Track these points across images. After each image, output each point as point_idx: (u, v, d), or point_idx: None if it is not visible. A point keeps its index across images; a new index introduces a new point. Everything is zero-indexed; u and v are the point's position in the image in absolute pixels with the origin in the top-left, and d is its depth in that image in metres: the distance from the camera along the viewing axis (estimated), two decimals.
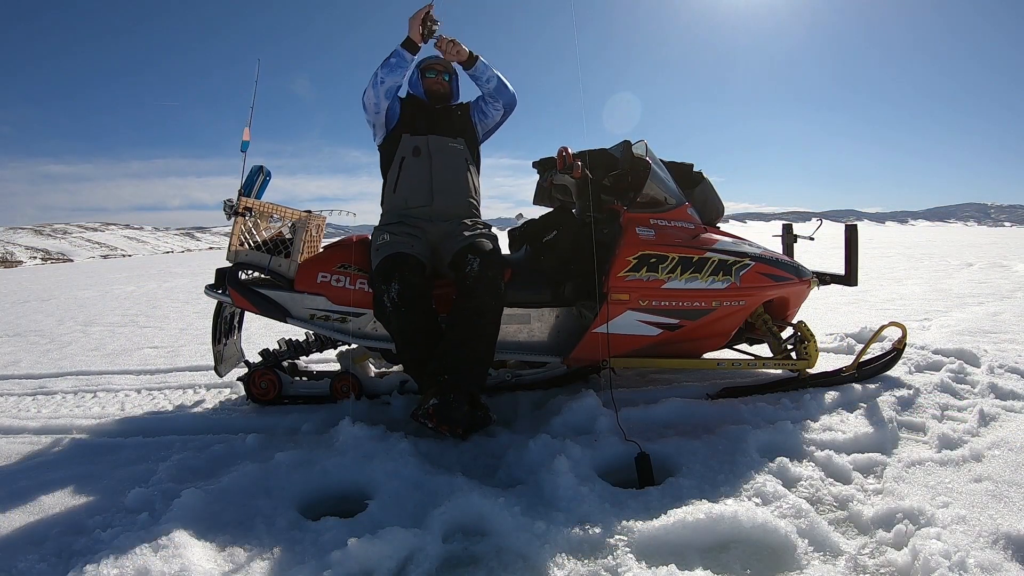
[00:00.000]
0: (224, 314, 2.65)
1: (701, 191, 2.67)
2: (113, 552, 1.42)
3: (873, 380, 2.57)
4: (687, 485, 1.71)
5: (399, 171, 2.42)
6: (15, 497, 1.82)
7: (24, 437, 2.39)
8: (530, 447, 1.91)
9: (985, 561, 1.34)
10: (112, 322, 5.50)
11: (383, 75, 2.33)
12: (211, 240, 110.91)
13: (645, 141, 2.50)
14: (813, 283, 2.68)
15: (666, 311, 2.36)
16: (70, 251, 79.50)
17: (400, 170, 2.42)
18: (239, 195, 2.36)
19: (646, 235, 2.34)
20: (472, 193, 2.49)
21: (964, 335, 3.66)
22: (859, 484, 1.74)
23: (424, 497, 1.69)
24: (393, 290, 2.12)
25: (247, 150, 2.34)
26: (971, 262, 9.19)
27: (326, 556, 1.39)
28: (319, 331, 2.44)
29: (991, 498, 1.63)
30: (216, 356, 2.60)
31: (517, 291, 2.38)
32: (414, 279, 2.15)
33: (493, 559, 1.45)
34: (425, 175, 2.39)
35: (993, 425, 2.15)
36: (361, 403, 2.52)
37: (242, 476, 1.78)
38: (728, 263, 2.40)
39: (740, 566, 1.40)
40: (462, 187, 2.45)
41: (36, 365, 3.69)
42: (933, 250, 12.40)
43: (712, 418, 2.19)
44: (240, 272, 2.43)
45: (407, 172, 2.41)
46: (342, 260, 2.41)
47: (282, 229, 2.52)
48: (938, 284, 6.45)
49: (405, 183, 2.41)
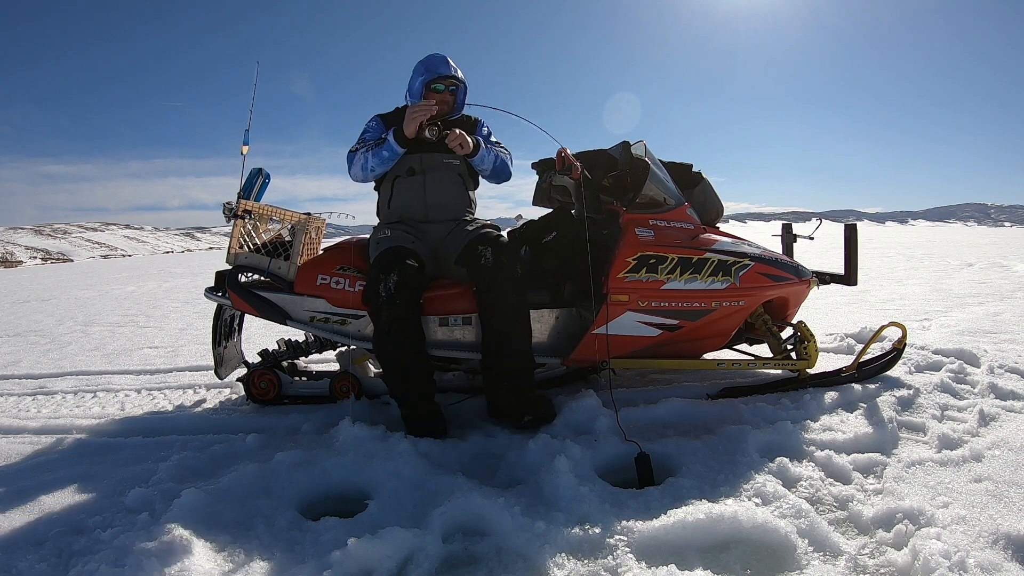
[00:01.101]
0: (224, 316, 2.65)
1: (700, 191, 2.68)
2: (113, 552, 1.42)
3: (873, 380, 2.57)
4: (687, 485, 1.71)
5: (392, 190, 2.44)
6: (15, 497, 1.82)
7: (24, 437, 2.39)
8: (530, 447, 1.91)
9: (985, 561, 1.34)
10: (112, 322, 5.50)
11: (374, 165, 2.36)
12: (211, 240, 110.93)
13: (644, 142, 2.50)
14: (813, 283, 2.68)
15: (666, 312, 2.36)
16: (70, 251, 79.49)
17: (393, 189, 2.44)
18: (238, 198, 2.36)
19: (645, 236, 2.34)
20: (468, 206, 2.51)
21: (964, 335, 3.66)
22: (859, 484, 1.73)
23: (424, 497, 1.69)
24: (391, 280, 2.12)
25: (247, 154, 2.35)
26: (971, 262, 9.19)
27: (326, 556, 1.39)
28: (319, 333, 2.44)
29: (991, 498, 1.63)
30: (216, 359, 2.60)
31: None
32: (412, 274, 2.16)
33: (493, 559, 1.45)
34: (419, 193, 2.41)
35: (993, 425, 2.15)
36: (361, 403, 2.51)
37: (242, 476, 1.78)
38: (728, 263, 2.40)
39: (740, 566, 1.40)
40: (456, 203, 2.46)
41: (36, 365, 3.69)
42: (933, 250, 12.41)
43: (712, 418, 2.19)
44: (240, 275, 2.43)
45: (400, 191, 2.43)
46: (341, 262, 2.41)
47: (282, 232, 2.53)
48: (938, 284, 6.45)
49: (399, 202, 2.43)
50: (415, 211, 2.42)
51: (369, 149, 2.36)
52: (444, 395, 2.47)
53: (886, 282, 6.73)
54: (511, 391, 2.21)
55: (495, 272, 2.17)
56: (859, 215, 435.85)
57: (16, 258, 68.85)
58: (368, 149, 2.36)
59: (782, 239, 3.02)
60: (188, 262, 17.38)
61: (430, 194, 2.41)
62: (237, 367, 2.76)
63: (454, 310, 2.35)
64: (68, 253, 76.61)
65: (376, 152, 2.35)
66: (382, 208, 2.51)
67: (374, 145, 2.36)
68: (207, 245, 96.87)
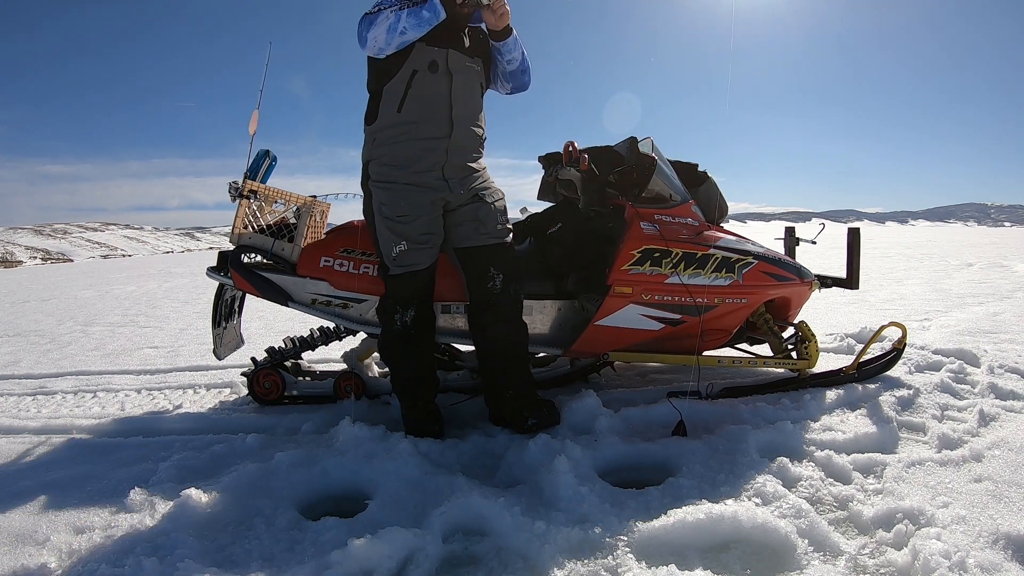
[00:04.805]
0: (225, 297, 2.64)
1: (705, 190, 2.68)
2: (113, 552, 1.42)
3: (873, 380, 2.57)
4: (687, 485, 1.71)
5: (407, 87, 1.97)
6: (15, 497, 1.82)
7: (24, 437, 2.39)
8: (530, 447, 1.91)
9: (985, 561, 1.34)
10: (112, 322, 5.50)
11: (407, 26, 1.86)
12: (211, 240, 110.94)
13: (651, 138, 2.51)
14: (815, 286, 2.69)
15: (668, 306, 2.37)
16: (70, 251, 79.53)
17: (409, 86, 1.97)
18: (244, 178, 2.35)
19: (650, 230, 2.34)
20: (484, 127, 2.19)
21: (964, 335, 3.66)
22: (859, 484, 1.73)
23: (424, 497, 1.69)
24: (408, 315, 2.10)
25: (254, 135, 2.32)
26: (971, 262, 9.18)
27: (326, 556, 1.39)
28: (320, 316, 2.43)
29: (991, 498, 1.63)
30: (215, 339, 2.59)
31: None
32: (429, 305, 2.16)
33: (493, 559, 1.45)
34: (444, 97, 2.00)
35: (993, 425, 2.15)
36: (361, 403, 2.51)
37: (242, 476, 1.78)
38: (731, 260, 2.40)
39: (740, 566, 1.40)
40: (479, 118, 2.14)
41: (36, 365, 3.68)
42: (933, 250, 12.40)
43: (712, 418, 2.19)
44: (243, 255, 2.42)
45: (420, 90, 1.97)
46: (345, 245, 2.39)
47: (286, 215, 2.52)
48: (938, 284, 6.45)
49: (416, 104, 1.98)
50: (437, 125, 2.01)
51: (404, 6, 1.87)
52: (446, 395, 2.47)
53: (886, 282, 6.73)
54: (516, 398, 2.21)
55: (500, 297, 2.14)
56: (859, 215, 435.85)
57: (16, 258, 68.89)
58: (403, 6, 1.87)
59: (785, 242, 3.03)
60: (188, 262, 17.37)
61: (457, 102, 2.01)
62: (236, 349, 2.75)
63: (459, 297, 2.34)
64: (68, 253, 76.63)
65: (414, 13, 1.86)
66: (386, 113, 2.02)
67: (411, 3, 1.88)
68: (207, 245, 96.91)
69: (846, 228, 2.85)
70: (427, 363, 2.24)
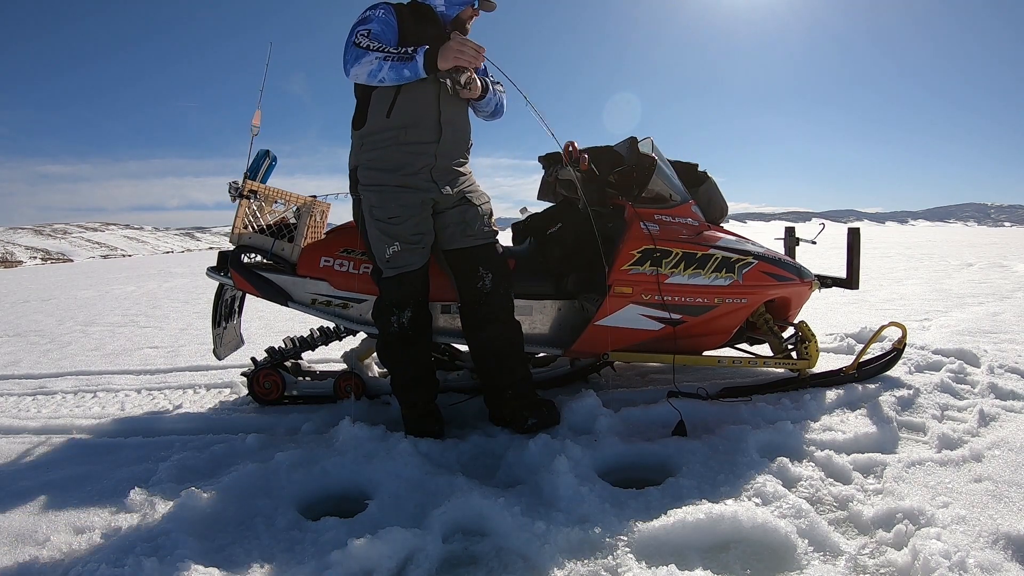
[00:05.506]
0: (225, 297, 2.64)
1: (705, 190, 2.68)
2: (113, 552, 1.42)
3: (873, 380, 2.57)
4: (687, 485, 1.71)
5: (397, 92, 2.01)
6: (15, 497, 1.82)
7: (24, 437, 2.39)
8: (530, 447, 1.91)
9: (985, 561, 1.34)
10: (112, 322, 5.50)
11: (386, 77, 1.93)
12: (211, 240, 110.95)
13: (651, 138, 2.51)
14: (815, 286, 2.69)
15: (668, 306, 2.37)
16: (70, 251, 79.49)
17: (399, 91, 2.01)
18: (244, 178, 2.36)
19: (650, 230, 2.34)
20: (471, 131, 2.23)
21: (964, 335, 3.66)
22: (859, 484, 1.73)
23: (424, 497, 1.69)
24: (405, 317, 2.10)
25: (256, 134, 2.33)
26: (971, 262, 9.18)
27: (326, 556, 1.39)
28: (320, 316, 2.43)
29: (991, 498, 1.63)
30: (215, 339, 2.59)
31: (520, 283, 2.38)
32: (425, 305, 2.16)
33: (493, 559, 1.45)
34: (431, 103, 2.04)
35: (993, 425, 2.15)
36: (361, 403, 2.51)
37: (242, 476, 1.78)
38: (731, 260, 2.40)
39: (740, 566, 1.40)
40: (465, 123, 2.18)
41: (36, 365, 3.68)
42: (933, 250, 12.40)
43: (712, 418, 2.19)
44: (243, 255, 2.42)
45: (408, 96, 2.01)
46: (345, 245, 2.39)
47: (286, 215, 2.52)
48: (938, 284, 6.45)
49: (405, 109, 2.02)
50: (425, 130, 2.05)
51: (389, 59, 1.91)
52: (446, 395, 2.47)
53: (886, 282, 6.73)
54: (516, 398, 2.21)
55: (490, 297, 2.15)
56: (859, 215, 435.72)
57: (16, 258, 68.88)
58: (388, 58, 1.91)
59: (785, 242, 3.03)
60: (188, 262, 17.37)
61: (446, 108, 2.06)
62: (236, 349, 2.76)
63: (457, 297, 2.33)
64: (68, 253, 76.63)
65: (397, 68, 1.90)
66: (375, 118, 2.05)
67: (397, 58, 1.91)
68: (207, 245, 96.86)
69: (846, 228, 2.85)
70: (426, 364, 2.24)
